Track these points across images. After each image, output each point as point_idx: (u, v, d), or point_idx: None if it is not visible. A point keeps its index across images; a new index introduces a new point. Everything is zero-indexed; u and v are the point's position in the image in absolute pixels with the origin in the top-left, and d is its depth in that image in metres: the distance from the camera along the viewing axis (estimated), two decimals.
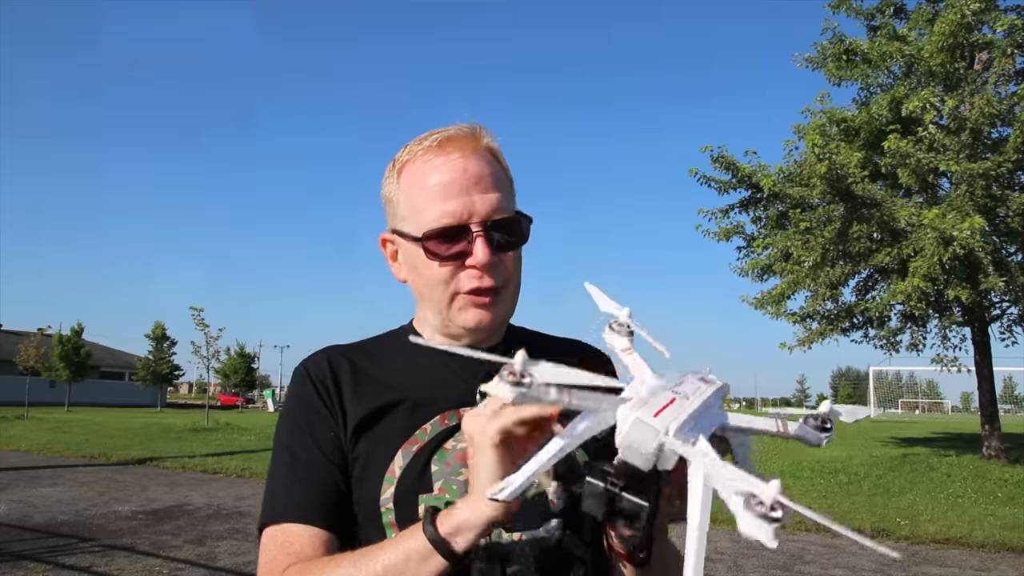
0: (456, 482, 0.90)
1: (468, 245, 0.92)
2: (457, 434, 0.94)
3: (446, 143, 0.95)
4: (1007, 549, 7.10)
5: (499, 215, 0.93)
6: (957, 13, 11.40)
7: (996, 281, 10.90)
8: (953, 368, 13.14)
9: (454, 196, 0.92)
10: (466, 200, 0.92)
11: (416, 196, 0.95)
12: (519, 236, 0.96)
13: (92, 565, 5.83)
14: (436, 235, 0.92)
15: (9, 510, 8.16)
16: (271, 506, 0.92)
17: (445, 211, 0.91)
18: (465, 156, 0.94)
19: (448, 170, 0.93)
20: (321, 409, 0.96)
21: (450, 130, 0.96)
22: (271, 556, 0.88)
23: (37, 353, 33.65)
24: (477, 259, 0.91)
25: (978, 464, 12.56)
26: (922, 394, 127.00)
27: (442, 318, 0.98)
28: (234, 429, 21.04)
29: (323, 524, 0.89)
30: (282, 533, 0.89)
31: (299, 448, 0.94)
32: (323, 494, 0.91)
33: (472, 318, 0.95)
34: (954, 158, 11.41)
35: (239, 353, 52.95)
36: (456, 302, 0.95)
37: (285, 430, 0.97)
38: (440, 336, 1.02)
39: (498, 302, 0.95)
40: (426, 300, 0.99)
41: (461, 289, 0.94)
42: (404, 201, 0.97)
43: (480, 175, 0.93)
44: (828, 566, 6.35)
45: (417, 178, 0.95)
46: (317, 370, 0.99)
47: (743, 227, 14.43)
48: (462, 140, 0.95)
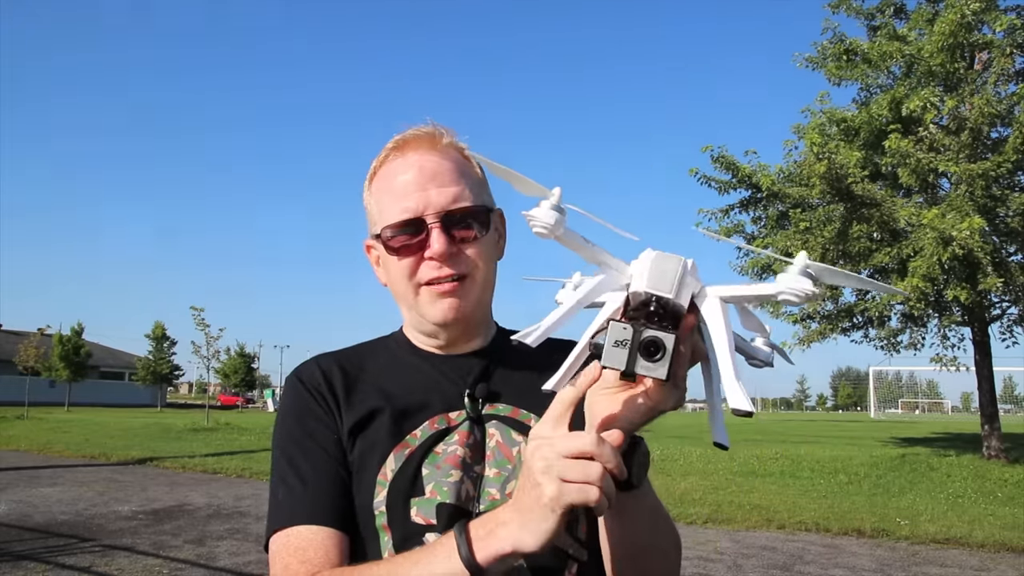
0: (447, 484, 0.91)
1: (426, 237, 0.95)
2: (447, 437, 0.95)
3: (403, 145, 0.99)
4: (1007, 549, 7.09)
5: (455, 206, 0.95)
6: (957, 13, 11.40)
7: (995, 281, 10.89)
8: (953, 368, 13.13)
9: (412, 192, 0.95)
10: (422, 195, 0.95)
11: (382, 199, 0.99)
12: (481, 226, 0.98)
13: (92, 565, 5.83)
14: (394, 230, 0.96)
15: (9, 510, 8.15)
16: (278, 513, 0.91)
17: (404, 207, 0.95)
18: (421, 154, 0.97)
19: (405, 169, 0.97)
20: (319, 413, 0.97)
21: (407, 133, 1.00)
22: (284, 563, 0.87)
23: (37, 353, 33.66)
24: (433, 250, 0.94)
25: (978, 464, 12.56)
26: (922, 394, 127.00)
27: (413, 314, 1.01)
28: (234, 429, 21.03)
29: (334, 524, 0.89)
30: (293, 537, 0.88)
31: (299, 453, 0.94)
32: (330, 495, 0.91)
33: (438, 311, 0.97)
34: (954, 158, 11.41)
35: (239, 353, 52.99)
36: (421, 295, 0.97)
37: (284, 438, 0.97)
38: (422, 335, 1.04)
39: (463, 292, 0.96)
40: (400, 297, 1.02)
41: (422, 280, 0.96)
42: (375, 206, 1.01)
43: (437, 171, 0.96)
44: (828, 566, 6.35)
45: (383, 183, 0.99)
46: (310, 376, 1.00)
47: (743, 227, 14.43)
48: (418, 140, 0.99)
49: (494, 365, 1.02)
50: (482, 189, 1.01)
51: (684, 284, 0.69)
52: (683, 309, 0.70)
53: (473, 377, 1.00)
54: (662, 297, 0.69)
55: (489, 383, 1.00)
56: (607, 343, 0.66)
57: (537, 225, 0.73)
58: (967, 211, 10.91)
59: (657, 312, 0.69)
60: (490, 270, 1.00)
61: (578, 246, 0.75)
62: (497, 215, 1.04)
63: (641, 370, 0.66)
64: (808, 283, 0.68)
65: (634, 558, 0.90)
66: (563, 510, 0.68)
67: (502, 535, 0.71)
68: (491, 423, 0.97)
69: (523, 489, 0.71)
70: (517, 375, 1.02)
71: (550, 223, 0.73)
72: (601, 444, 0.68)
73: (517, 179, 0.77)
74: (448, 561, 0.73)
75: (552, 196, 0.74)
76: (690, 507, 8.87)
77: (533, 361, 1.01)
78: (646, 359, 0.65)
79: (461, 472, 0.92)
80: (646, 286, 0.69)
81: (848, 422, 51.97)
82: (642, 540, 0.89)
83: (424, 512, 0.90)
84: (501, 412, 0.98)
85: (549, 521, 0.68)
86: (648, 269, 0.69)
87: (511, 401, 0.99)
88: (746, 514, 8.58)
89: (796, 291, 0.68)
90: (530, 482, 0.70)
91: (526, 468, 0.71)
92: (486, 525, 0.74)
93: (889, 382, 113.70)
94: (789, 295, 0.69)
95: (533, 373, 1.01)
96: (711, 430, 0.76)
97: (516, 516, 0.71)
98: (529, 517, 0.69)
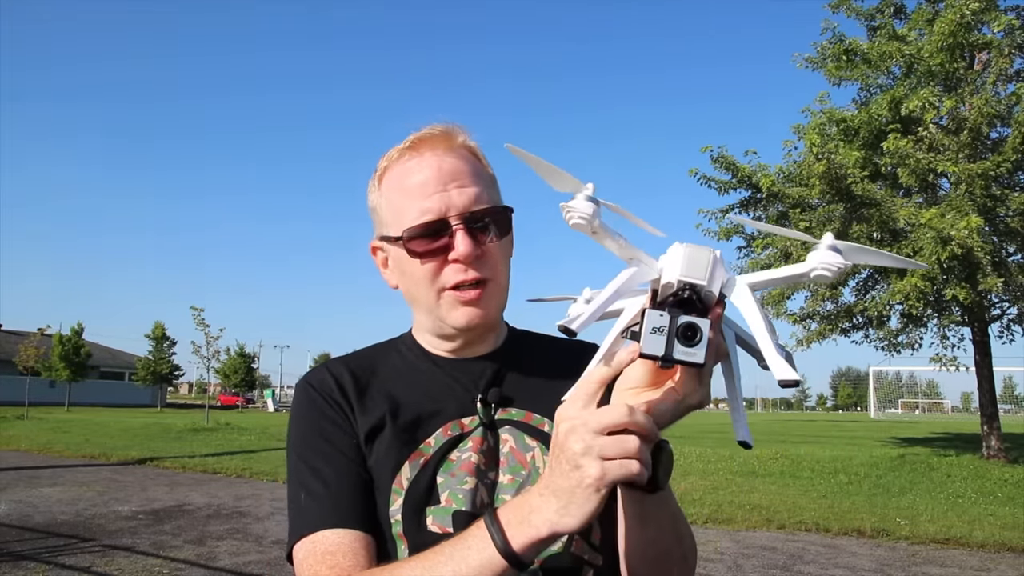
0: (462, 491, 0.89)
1: (449, 239, 0.91)
2: (461, 444, 0.93)
3: (419, 144, 0.95)
4: (1007, 549, 7.09)
5: (478, 207, 0.93)
6: (957, 13, 11.39)
7: (995, 281, 10.89)
8: (952, 368, 13.13)
9: (431, 193, 0.92)
10: (443, 195, 0.92)
11: (396, 199, 0.95)
12: (502, 227, 0.96)
13: (92, 565, 5.83)
14: (417, 233, 0.92)
15: (9, 510, 8.16)
16: (301, 519, 0.88)
17: (424, 208, 0.92)
18: (438, 154, 0.94)
19: (423, 169, 0.93)
20: (335, 417, 0.95)
21: (423, 131, 0.97)
22: (313, 570, 0.84)
23: (37, 353, 33.64)
24: (459, 252, 0.91)
25: (978, 464, 12.56)
26: (922, 394, 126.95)
27: (433, 318, 0.97)
28: (234, 429, 21.02)
29: (360, 527, 0.87)
30: (320, 543, 0.85)
31: (318, 458, 0.92)
32: (354, 498, 0.89)
33: (462, 317, 0.94)
34: (953, 158, 11.41)
35: (239, 353, 53.00)
36: (443, 299, 0.94)
37: (300, 444, 0.94)
38: (435, 339, 1.01)
39: (486, 297, 0.94)
40: (417, 302, 0.98)
41: (446, 284, 0.93)
42: (386, 207, 0.97)
43: (455, 171, 0.93)
44: (828, 566, 6.35)
45: (396, 182, 0.96)
46: (321, 383, 0.98)
47: (743, 227, 14.42)
48: (434, 139, 0.96)
49: (506, 369, 1.00)
50: (494, 188, 0.99)
51: (715, 273, 0.70)
52: (714, 297, 0.71)
53: (485, 382, 0.98)
54: (696, 284, 0.70)
55: (501, 387, 0.98)
56: (644, 330, 0.66)
57: (575, 216, 0.72)
58: (966, 211, 10.90)
59: (690, 299, 0.70)
60: (508, 272, 0.98)
61: (612, 240, 0.75)
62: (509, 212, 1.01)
63: (679, 355, 0.66)
64: (839, 257, 0.70)
65: (654, 561, 0.89)
66: (607, 488, 0.67)
67: (537, 521, 0.70)
68: (504, 428, 0.95)
69: (558, 472, 0.70)
70: (529, 378, 1.00)
71: (588, 213, 0.72)
72: (633, 413, 0.68)
73: (551, 172, 0.76)
74: (483, 552, 0.71)
75: (587, 189, 0.74)
76: (690, 507, 8.86)
77: (545, 364, 1.01)
78: (684, 344, 0.66)
79: (476, 479, 0.90)
80: (681, 274, 0.70)
81: (848, 422, 51.96)
82: (663, 544, 0.88)
83: (440, 521, 0.89)
84: (514, 417, 0.97)
85: (592, 502, 0.68)
86: (682, 259, 0.70)
87: (524, 405, 0.97)
88: (746, 514, 8.58)
89: (828, 265, 0.70)
90: (568, 465, 0.69)
91: (559, 450, 0.70)
92: (518, 512, 0.72)
93: (889, 382, 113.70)
94: (822, 270, 0.70)
95: (545, 376, 1.00)
96: (734, 429, 0.76)
97: (552, 501, 0.70)
98: (570, 499, 0.68)
